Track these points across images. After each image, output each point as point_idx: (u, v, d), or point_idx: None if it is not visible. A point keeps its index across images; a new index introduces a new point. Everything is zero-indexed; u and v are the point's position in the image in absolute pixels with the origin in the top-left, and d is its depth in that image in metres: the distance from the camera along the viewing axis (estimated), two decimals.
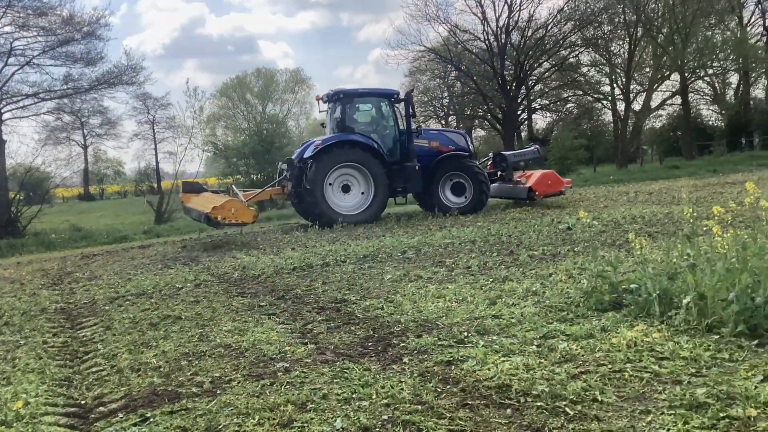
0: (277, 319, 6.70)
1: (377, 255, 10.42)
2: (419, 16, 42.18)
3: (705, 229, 6.37)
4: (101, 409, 4.55)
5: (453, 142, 16.79)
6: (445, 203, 16.19)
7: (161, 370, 5.23)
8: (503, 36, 40.67)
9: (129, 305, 8.14)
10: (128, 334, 6.57)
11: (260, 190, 18.06)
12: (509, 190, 17.26)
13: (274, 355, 5.40)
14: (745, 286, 4.98)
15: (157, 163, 74.27)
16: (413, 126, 16.50)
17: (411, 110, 16.17)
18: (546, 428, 3.58)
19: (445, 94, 57.36)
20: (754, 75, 46.06)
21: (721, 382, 3.92)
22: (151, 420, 4.20)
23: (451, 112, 61.07)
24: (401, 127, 16.47)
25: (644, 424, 3.48)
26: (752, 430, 3.26)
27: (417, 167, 16.08)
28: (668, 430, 3.36)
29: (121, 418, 4.32)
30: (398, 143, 16.38)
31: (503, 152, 17.97)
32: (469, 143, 17.09)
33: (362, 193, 15.93)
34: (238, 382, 4.77)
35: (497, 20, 40.90)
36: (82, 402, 4.75)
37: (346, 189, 15.91)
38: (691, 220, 6.28)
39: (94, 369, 5.53)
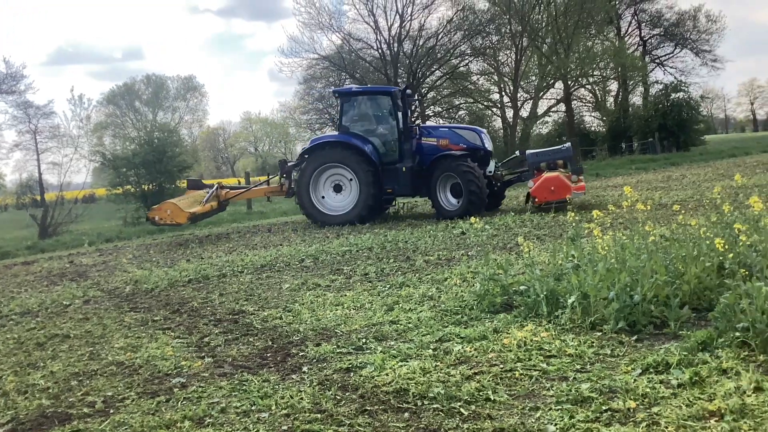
0: (172, 334, 6.56)
1: (275, 264, 10.35)
2: (312, 25, 41.97)
3: (587, 231, 6.72)
4: None
5: (464, 140, 15.28)
6: (443, 206, 14.87)
7: (50, 391, 5.02)
8: (396, 45, 41.27)
9: (13, 325, 7.74)
10: (13, 356, 6.25)
11: (244, 188, 18.21)
12: None
13: (170, 370, 5.29)
14: (624, 285, 5.30)
15: (40, 174, 70.56)
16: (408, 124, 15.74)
17: (405, 108, 15.55)
18: (442, 429, 3.69)
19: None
20: (631, 83, 48.72)
21: (604, 377, 4.16)
22: None
23: None
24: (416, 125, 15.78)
25: (533, 420, 3.65)
26: (632, 421, 3.49)
27: (404, 169, 15.14)
28: (555, 424, 3.54)
29: None
30: (396, 143, 15.57)
31: (529, 150, 15.77)
32: (485, 140, 15.35)
33: (351, 194, 15.50)
34: (132, 401, 4.65)
35: (389, 29, 41.46)
36: None
37: (338, 189, 15.63)
38: (574, 224, 6.61)
39: None
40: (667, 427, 3.33)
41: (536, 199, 13.84)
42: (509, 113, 44.60)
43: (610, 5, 44.80)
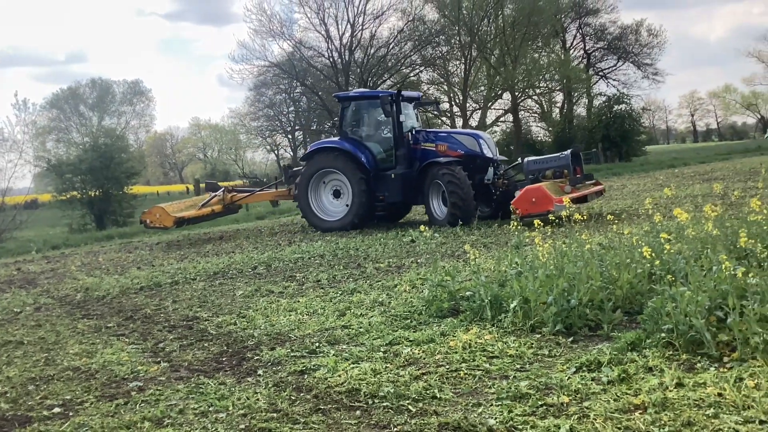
0: (127, 340, 6.67)
1: (227, 272, 10.48)
2: (263, 32, 42.04)
3: (529, 240, 7.08)
4: None
5: (462, 146, 14.52)
6: (434, 214, 14.23)
7: (8, 395, 5.11)
8: (347, 53, 41.59)
9: None
10: None
11: (250, 191, 18.19)
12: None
13: (127, 375, 5.43)
14: (562, 290, 5.64)
15: None
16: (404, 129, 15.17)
17: (397, 113, 14.92)
18: (391, 425, 3.95)
19: (291, 108, 57.58)
20: (576, 95, 50.08)
21: (541, 375, 4.47)
22: None
23: (297, 127, 61.33)
24: (408, 130, 15.17)
25: (475, 415, 3.93)
26: (564, 414, 3.80)
27: (392, 176, 14.70)
28: (495, 418, 3.83)
29: None
30: (392, 149, 15.11)
31: (528, 157, 14.52)
32: (484, 146, 14.42)
33: (347, 200, 15.30)
34: (91, 404, 4.78)
35: (341, 38, 41.83)
36: None
37: (337, 194, 15.51)
38: (516, 233, 6.96)
39: None
40: (595, 420, 3.65)
41: (518, 210, 12.24)
42: (459, 122, 45.29)
43: (555, 19, 46.00)
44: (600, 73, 52.96)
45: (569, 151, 13.64)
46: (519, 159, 15.34)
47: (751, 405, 3.59)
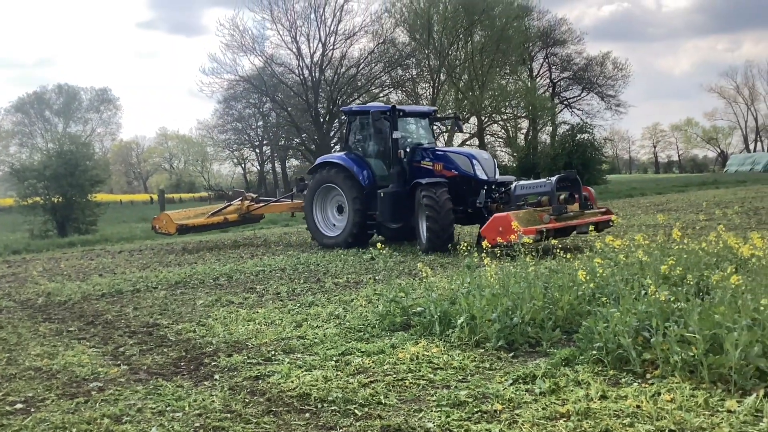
0: (88, 344, 6.85)
1: (189, 282, 10.68)
2: (235, 46, 42.29)
3: (479, 261, 7.45)
4: None
5: (455, 165, 13.66)
6: (421, 237, 13.29)
7: None
8: (317, 71, 42.01)
9: None
10: None
11: (265, 201, 18.05)
12: None
13: (87, 375, 5.63)
14: (506, 308, 6.01)
15: None
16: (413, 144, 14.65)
17: (390, 129, 14.17)
18: (338, 427, 4.24)
19: (260, 122, 57.75)
20: (541, 122, 51.17)
21: (480, 386, 4.81)
22: None
23: (265, 141, 61.44)
24: (403, 147, 14.32)
25: (416, 420, 4.24)
26: (496, 420, 4.13)
27: (381, 194, 13.88)
28: (433, 422, 4.15)
29: None
30: (389, 166, 14.45)
31: (519, 181, 13.46)
32: (477, 167, 13.47)
33: (346, 216, 14.78)
34: (52, 401, 4.98)
35: (312, 56, 42.24)
36: None
37: (340, 210, 15.05)
38: (467, 254, 7.33)
39: None
40: (523, 425, 3.99)
41: (486, 239, 9.86)
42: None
43: (523, 47, 47.06)
44: (564, 102, 54.29)
45: (555, 177, 12.57)
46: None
47: (664, 416, 3.96)
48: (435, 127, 16.37)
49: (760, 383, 4.25)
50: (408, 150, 14.29)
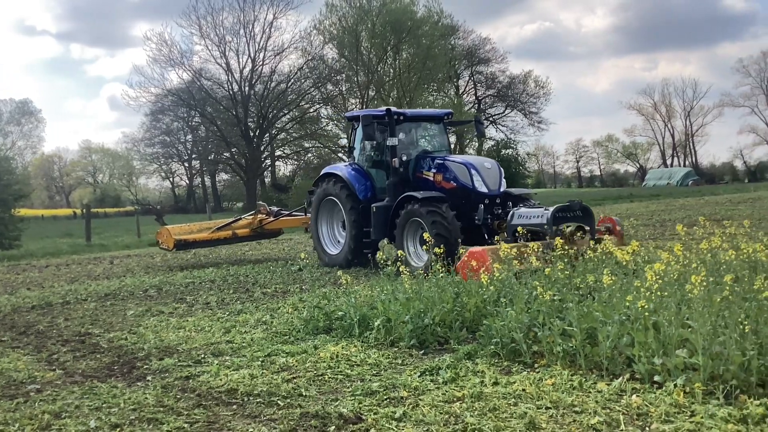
0: (22, 351, 7.13)
1: (119, 293, 10.93)
2: (162, 60, 42.13)
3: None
4: None
5: (454, 176, 11.94)
6: (410, 260, 11.20)
7: None
8: (247, 86, 42.24)
9: None
10: None
11: (275, 216, 16.31)
12: None
13: (24, 379, 5.96)
14: (418, 311, 6.63)
15: None
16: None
17: (385, 135, 12.70)
18: (261, 415, 4.74)
19: (189, 136, 57.38)
20: (467, 138, 52.66)
21: (391, 378, 5.39)
22: None
23: (194, 155, 60.99)
24: (398, 155, 12.57)
25: (332, 407, 4.78)
26: (401, 404, 4.71)
27: (374, 209, 12.39)
28: (346, 408, 4.70)
29: None
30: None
31: (519, 208, 10.98)
32: (476, 178, 11.67)
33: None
34: None
35: (241, 71, 42.47)
36: None
37: (345, 225, 13.24)
38: (389, 264, 7.95)
39: None
40: (424, 407, 4.58)
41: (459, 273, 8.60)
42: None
43: (449, 65, 48.44)
44: (490, 119, 55.94)
45: (552, 209, 10.17)
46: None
47: (544, 397, 4.62)
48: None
49: (627, 369, 4.97)
50: (405, 158, 12.68)
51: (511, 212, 10.79)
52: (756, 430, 3.85)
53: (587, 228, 9.96)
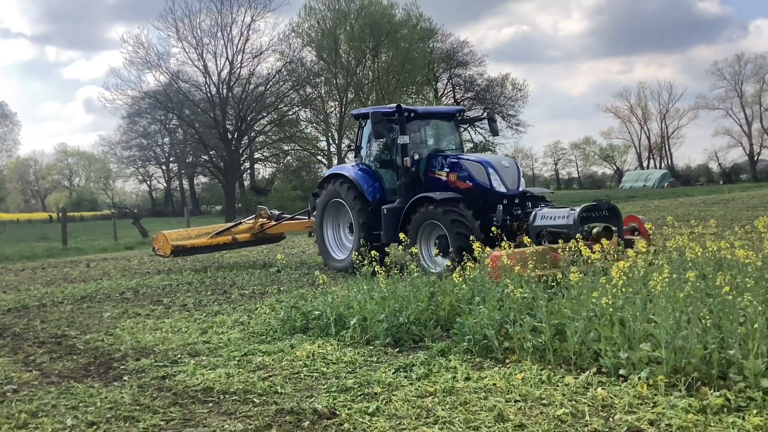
0: None
1: (95, 296, 10.92)
2: (139, 63, 41.87)
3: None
4: None
5: (469, 175, 11.37)
6: (425, 264, 10.67)
7: None
8: (225, 89, 42.13)
9: None
10: None
11: (277, 221, 15.47)
12: None
13: (1, 380, 5.97)
14: (393, 310, 6.74)
15: None
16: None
17: (391, 133, 12.21)
18: (237, 412, 4.81)
19: (167, 139, 57.07)
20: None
21: (366, 375, 5.49)
22: None
23: (172, 158, 60.67)
24: (409, 154, 11.95)
25: (307, 403, 4.87)
26: (375, 399, 4.81)
27: (385, 211, 11.81)
28: (321, 404, 4.79)
29: None
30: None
31: (541, 209, 10.42)
32: (494, 177, 11.10)
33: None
34: None
35: (219, 74, 42.35)
36: None
37: (352, 229, 12.71)
38: (366, 265, 8.04)
39: None
40: (397, 402, 4.69)
41: None
42: (335, 161, 46.67)
43: (428, 68, 48.66)
44: (468, 121, 56.13)
45: (578, 209, 9.59)
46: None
47: (513, 390, 4.75)
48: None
49: (594, 363, 5.11)
50: (417, 158, 12.09)
51: (533, 213, 10.19)
52: (715, 420, 3.99)
53: (614, 229, 9.41)
